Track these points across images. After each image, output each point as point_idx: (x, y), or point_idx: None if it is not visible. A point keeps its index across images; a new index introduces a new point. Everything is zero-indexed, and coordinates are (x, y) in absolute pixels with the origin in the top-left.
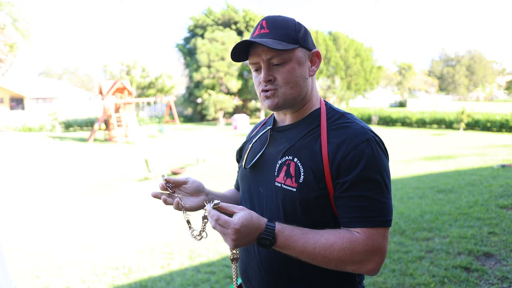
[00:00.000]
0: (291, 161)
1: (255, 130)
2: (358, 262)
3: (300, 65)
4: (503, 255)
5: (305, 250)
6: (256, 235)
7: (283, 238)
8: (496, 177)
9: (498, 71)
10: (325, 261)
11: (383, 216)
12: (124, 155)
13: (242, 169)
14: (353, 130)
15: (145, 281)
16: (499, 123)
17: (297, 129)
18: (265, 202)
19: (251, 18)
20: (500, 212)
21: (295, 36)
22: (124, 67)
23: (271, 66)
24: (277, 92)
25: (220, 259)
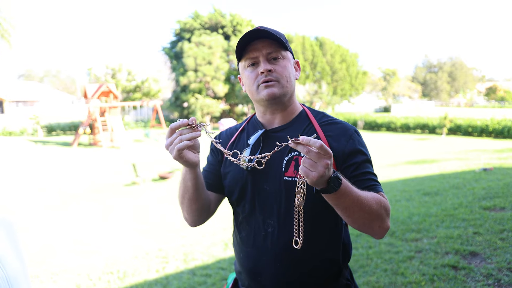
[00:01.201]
0: (298, 156)
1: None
2: (385, 217)
3: (291, 65)
4: (487, 254)
5: (359, 197)
6: (330, 174)
7: (345, 184)
8: (478, 180)
9: (478, 78)
10: (370, 211)
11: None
12: (110, 159)
13: (236, 171)
14: (342, 125)
15: (141, 285)
16: (479, 128)
17: (292, 128)
18: (272, 198)
19: (238, 22)
20: (484, 213)
21: (285, 42)
22: (109, 70)
23: (270, 60)
24: (278, 83)
25: (215, 262)
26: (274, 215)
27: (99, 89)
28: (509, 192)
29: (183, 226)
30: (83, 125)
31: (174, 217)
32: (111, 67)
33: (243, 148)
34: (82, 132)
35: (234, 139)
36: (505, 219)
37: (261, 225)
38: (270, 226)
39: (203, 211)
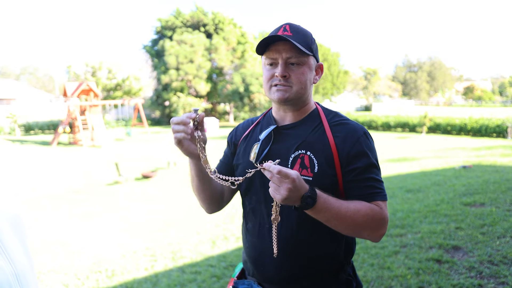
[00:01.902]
0: (304, 154)
1: (246, 130)
2: (374, 227)
3: (310, 71)
4: (469, 248)
5: (339, 213)
6: (302, 193)
7: (322, 200)
8: (458, 177)
9: (456, 78)
10: (352, 224)
11: (384, 192)
12: (91, 159)
13: (246, 164)
14: (352, 126)
15: (130, 283)
16: (458, 126)
17: (302, 127)
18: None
19: (220, 20)
20: (465, 209)
21: (311, 46)
22: (89, 68)
23: (288, 65)
24: (290, 89)
25: (204, 259)
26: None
27: (79, 87)
28: (488, 188)
29: (168, 225)
30: (62, 124)
31: (159, 216)
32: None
33: (255, 142)
34: (62, 131)
35: (249, 132)
36: (485, 214)
37: (266, 217)
38: (271, 225)
39: (214, 199)
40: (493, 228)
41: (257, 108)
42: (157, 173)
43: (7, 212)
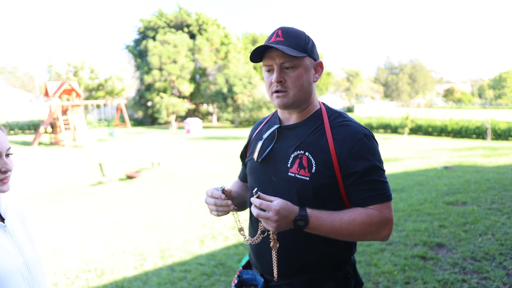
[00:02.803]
0: (303, 155)
1: (257, 128)
2: (375, 231)
3: (307, 72)
4: (453, 245)
5: (333, 227)
6: (292, 218)
7: (314, 219)
8: (440, 177)
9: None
10: (350, 234)
11: (387, 192)
12: (74, 159)
13: (252, 162)
14: (353, 128)
15: (120, 281)
16: (439, 128)
17: (303, 127)
18: (279, 189)
19: (203, 21)
20: (447, 208)
21: (305, 47)
22: (71, 67)
23: (283, 70)
24: (287, 94)
25: (193, 258)
26: None
27: (61, 87)
28: (469, 188)
29: (155, 225)
30: (44, 123)
31: (145, 216)
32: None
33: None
34: (43, 131)
35: (258, 131)
36: (467, 213)
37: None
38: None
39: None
40: (475, 226)
41: (241, 109)
42: (141, 173)
43: (14, 208)
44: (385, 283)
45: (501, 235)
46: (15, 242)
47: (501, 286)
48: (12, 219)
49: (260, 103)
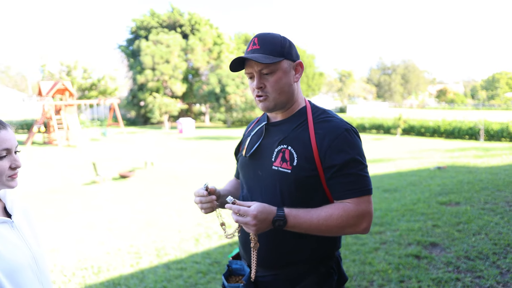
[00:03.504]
0: (285, 149)
1: (250, 126)
2: (353, 224)
3: (286, 74)
4: (446, 244)
5: (311, 224)
6: (271, 219)
7: (292, 218)
8: (433, 177)
9: (429, 80)
10: (328, 229)
11: (366, 186)
12: (67, 159)
13: (242, 157)
14: (334, 123)
15: (117, 279)
16: (432, 129)
17: (288, 124)
18: (263, 182)
19: (196, 21)
20: (441, 208)
21: (281, 51)
22: (64, 67)
23: (262, 76)
24: (268, 98)
25: (188, 256)
26: (261, 196)
27: (54, 87)
28: (462, 188)
29: (150, 224)
30: (37, 123)
31: (140, 215)
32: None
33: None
34: (37, 130)
35: (252, 127)
36: (461, 213)
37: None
38: None
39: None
40: (469, 225)
41: (233, 109)
42: (134, 173)
43: (19, 204)
44: (380, 281)
45: (494, 234)
46: (22, 237)
47: (495, 284)
48: (18, 215)
49: (252, 103)
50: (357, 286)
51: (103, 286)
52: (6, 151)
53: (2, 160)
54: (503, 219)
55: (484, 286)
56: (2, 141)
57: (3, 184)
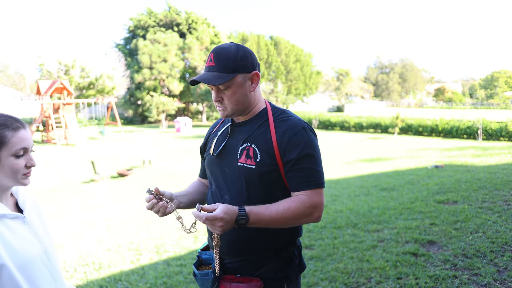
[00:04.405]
0: (249, 147)
1: (215, 127)
2: (307, 214)
3: (240, 87)
4: (444, 242)
5: (271, 218)
6: (234, 218)
7: (253, 215)
8: (431, 176)
9: (427, 79)
10: (287, 221)
11: (319, 180)
12: (66, 157)
13: (209, 156)
14: (292, 122)
15: (118, 275)
16: (429, 128)
17: (251, 124)
18: (230, 178)
19: (193, 20)
20: (438, 207)
21: (234, 66)
22: (62, 66)
23: (219, 90)
24: (226, 108)
25: (188, 253)
26: (229, 191)
27: (53, 85)
28: (460, 187)
29: (149, 222)
30: (35, 122)
31: (138, 213)
32: (64, 63)
33: (220, 134)
34: (35, 129)
35: (215, 129)
36: (458, 212)
37: (220, 199)
38: (226, 200)
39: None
40: (466, 224)
41: None
42: (132, 171)
43: (31, 201)
44: (378, 278)
45: (492, 233)
46: (34, 232)
47: (492, 282)
48: (30, 211)
49: None
50: (355, 282)
51: (104, 281)
52: (24, 150)
53: (19, 158)
54: (501, 217)
55: (481, 284)
56: (21, 140)
57: (17, 181)
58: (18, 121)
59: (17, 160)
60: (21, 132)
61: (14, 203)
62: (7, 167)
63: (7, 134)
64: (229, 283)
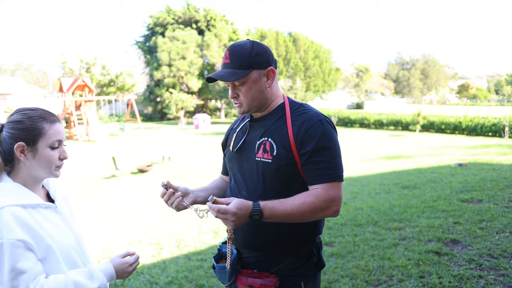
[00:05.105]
0: (266, 141)
1: (236, 123)
2: (324, 208)
3: (255, 83)
4: (468, 242)
5: (286, 213)
6: (248, 214)
7: (268, 211)
8: (454, 174)
9: (450, 75)
10: (302, 215)
11: (337, 173)
12: (87, 153)
13: (229, 152)
14: (309, 114)
15: (140, 268)
16: (452, 125)
17: (268, 119)
18: (248, 173)
19: (212, 17)
20: (462, 205)
21: (249, 63)
22: (84, 64)
23: (235, 87)
24: (242, 105)
25: (208, 248)
26: (246, 186)
27: (75, 83)
28: (485, 186)
29: (169, 216)
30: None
31: (159, 208)
32: (85, 61)
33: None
34: None
35: (235, 126)
36: (483, 211)
37: (237, 194)
38: (242, 196)
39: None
40: (492, 223)
41: None
42: (152, 167)
43: (61, 192)
44: (399, 276)
45: None
46: (65, 221)
47: None
48: (60, 201)
49: None
50: (376, 280)
51: None
52: (58, 142)
53: (54, 150)
54: None
55: (509, 285)
56: (56, 133)
57: (50, 173)
58: (54, 115)
59: (52, 152)
60: (57, 125)
61: (45, 194)
62: (43, 158)
63: (44, 126)
64: (246, 277)
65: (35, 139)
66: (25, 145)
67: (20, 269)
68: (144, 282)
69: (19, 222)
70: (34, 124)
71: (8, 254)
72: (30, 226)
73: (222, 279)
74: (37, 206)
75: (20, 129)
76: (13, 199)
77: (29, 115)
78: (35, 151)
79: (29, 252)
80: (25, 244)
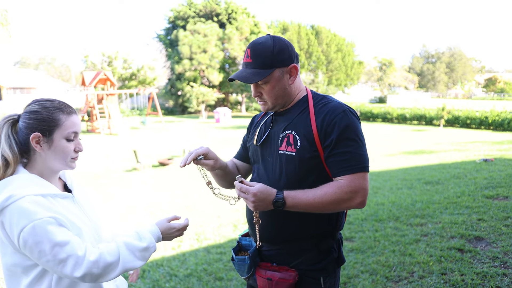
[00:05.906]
0: (290, 134)
1: (259, 116)
2: (347, 199)
3: (279, 82)
4: (492, 239)
5: (308, 203)
6: (271, 200)
7: (290, 199)
8: (479, 170)
9: (477, 69)
10: (324, 206)
11: (362, 163)
12: (109, 146)
13: (253, 146)
14: (332, 105)
15: (160, 260)
16: (478, 120)
17: (292, 112)
18: (271, 166)
19: (233, 10)
20: (487, 202)
21: (271, 61)
22: (106, 58)
23: (258, 85)
24: (266, 103)
25: (227, 241)
26: (268, 180)
27: (97, 77)
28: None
29: (189, 209)
30: (81, 112)
31: (179, 201)
32: (107, 55)
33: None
34: (80, 119)
35: (259, 119)
36: (509, 207)
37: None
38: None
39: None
40: None
41: None
42: (173, 160)
43: (77, 183)
44: (420, 272)
45: None
46: (83, 210)
47: None
48: (77, 191)
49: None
50: (396, 276)
51: (147, 266)
52: (74, 134)
53: (69, 142)
54: None
55: None
56: (73, 125)
57: (66, 164)
58: (71, 106)
59: (68, 143)
60: (74, 117)
61: (62, 185)
62: (59, 149)
63: (61, 117)
64: (265, 270)
65: (51, 130)
66: (41, 136)
67: (61, 242)
68: (164, 274)
69: (44, 207)
70: (50, 114)
71: (43, 232)
72: (55, 210)
73: (241, 271)
74: (55, 196)
75: (36, 119)
76: (32, 189)
77: (46, 106)
78: (51, 142)
79: (62, 227)
80: (57, 220)
